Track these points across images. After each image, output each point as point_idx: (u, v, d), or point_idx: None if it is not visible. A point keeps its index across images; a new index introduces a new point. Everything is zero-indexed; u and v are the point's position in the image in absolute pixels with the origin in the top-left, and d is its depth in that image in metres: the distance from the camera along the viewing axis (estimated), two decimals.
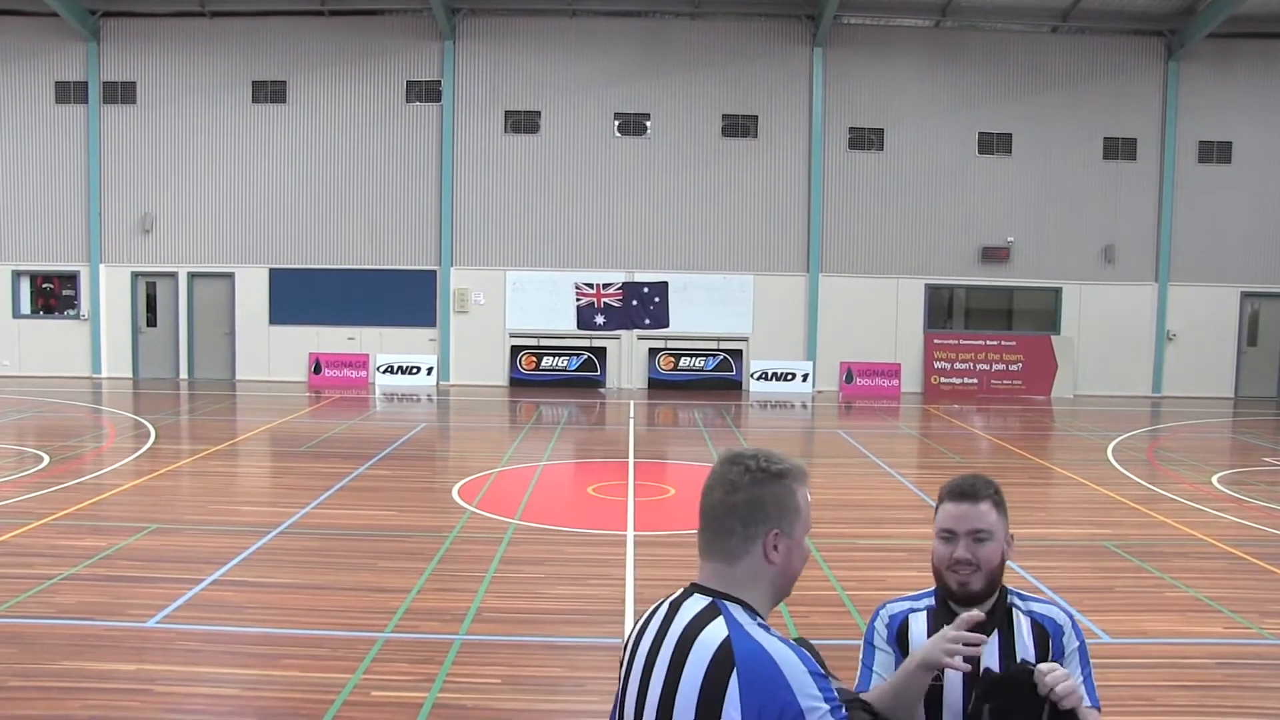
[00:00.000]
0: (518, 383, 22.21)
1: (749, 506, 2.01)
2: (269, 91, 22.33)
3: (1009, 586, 2.63)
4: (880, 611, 2.70)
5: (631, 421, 17.41)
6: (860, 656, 2.70)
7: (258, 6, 22.06)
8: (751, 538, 2.01)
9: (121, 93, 22.32)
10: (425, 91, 22.37)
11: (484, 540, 8.84)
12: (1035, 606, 2.62)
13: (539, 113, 22.38)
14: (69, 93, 22.32)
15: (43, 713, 5.22)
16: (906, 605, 2.67)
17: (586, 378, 22.31)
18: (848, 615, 6.99)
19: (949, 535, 2.55)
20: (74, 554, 8.11)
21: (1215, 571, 8.35)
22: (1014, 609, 2.60)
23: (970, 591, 2.54)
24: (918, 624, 2.63)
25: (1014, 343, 22.70)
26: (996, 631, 2.55)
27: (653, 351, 22.51)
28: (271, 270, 22.45)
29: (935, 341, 22.71)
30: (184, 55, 22.24)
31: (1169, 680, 5.99)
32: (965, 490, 2.57)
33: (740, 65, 22.26)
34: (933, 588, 2.68)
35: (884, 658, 2.63)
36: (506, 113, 22.40)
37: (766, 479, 2.03)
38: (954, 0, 21.58)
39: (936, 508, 2.63)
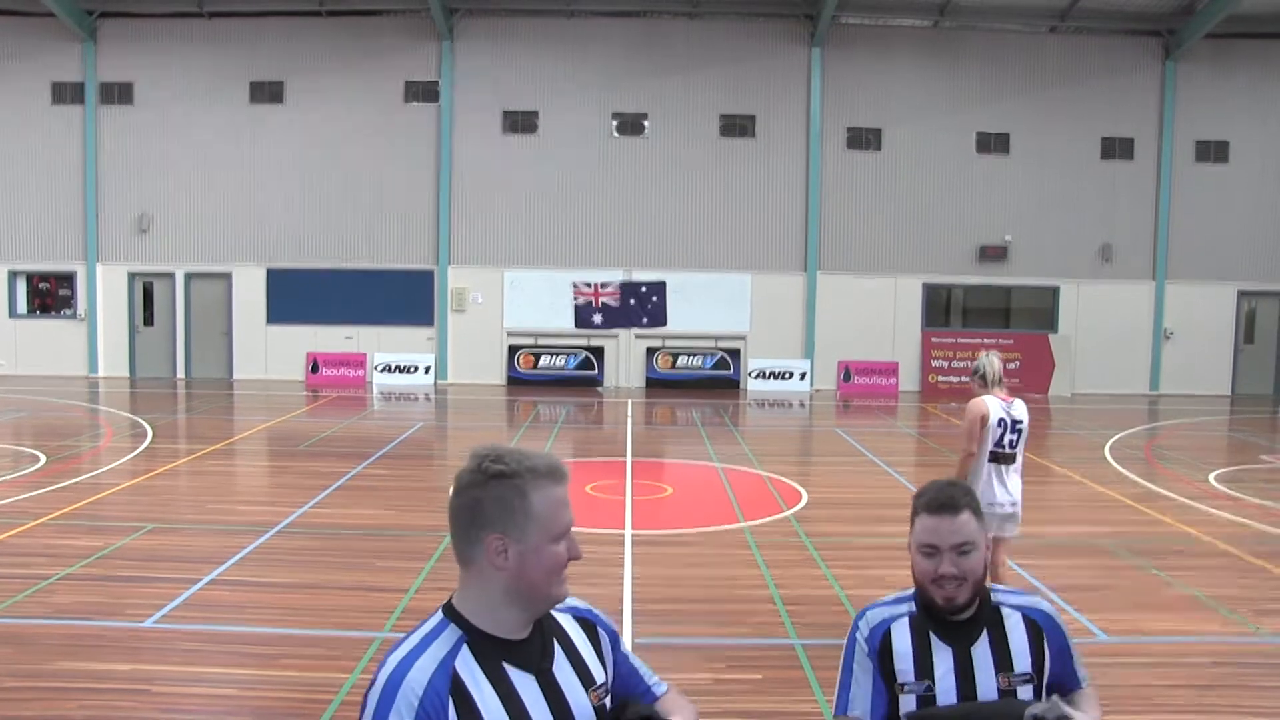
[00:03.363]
0: (515, 382, 22.21)
1: (470, 509, 1.92)
2: (267, 92, 22.31)
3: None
4: (859, 623, 2.57)
5: (629, 420, 17.41)
6: (839, 673, 2.57)
7: (255, 7, 22.04)
8: (474, 541, 1.92)
9: (118, 93, 22.30)
10: (423, 91, 22.36)
11: None
12: (1022, 600, 2.58)
13: (537, 112, 22.37)
14: (66, 93, 22.29)
15: (39, 713, 5.21)
16: (886, 613, 2.57)
17: (584, 377, 22.30)
18: (845, 615, 6.99)
19: (931, 550, 2.46)
20: (71, 554, 8.09)
21: (1212, 569, 8.35)
22: (1001, 606, 2.54)
23: (957, 605, 2.47)
24: (900, 634, 2.53)
25: (1012, 341, 22.70)
26: (986, 631, 2.50)
27: (650, 350, 22.51)
28: (269, 270, 22.44)
29: (933, 340, 22.72)
30: (181, 55, 22.21)
31: (1166, 679, 6.00)
32: (944, 502, 2.48)
33: (738, 65, 22.27)
34: (912, 590, 2.61)
35: (863, 679, 2.52)
36: (504, 112, 22.39)
37: (487, 480, 1.91)
38: (952, 0, 21.59)
39: (913, 519, 2.52)
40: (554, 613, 2.08)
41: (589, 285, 22.43)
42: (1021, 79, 22.46)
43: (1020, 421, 6.56)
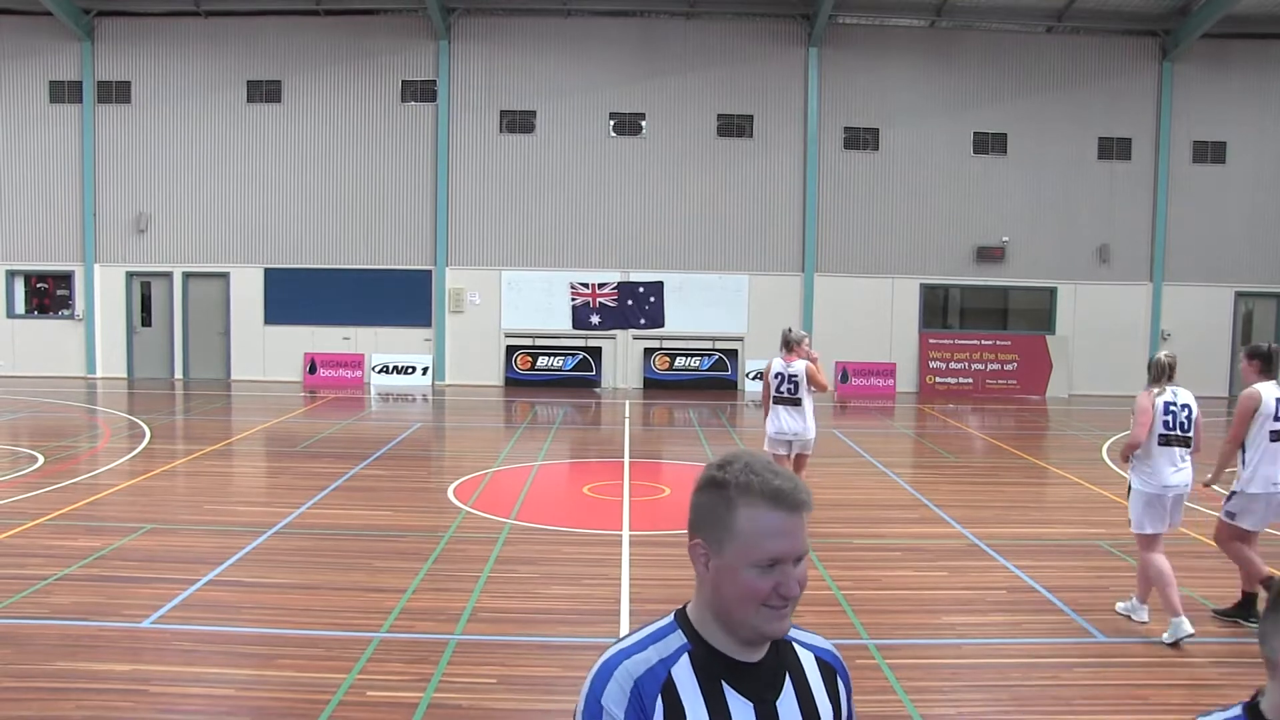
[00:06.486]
0: (513, 382, 22.21)
1: (691, 509, 1.87)
2: (264, 91, 22.30)
3: None
4: None
5: (627, 421, 17.41)
6: None
7: (252, 6, 22.03)
8: (690, 541, 1.85)
9: (116, 92, 22.29)
10: (420, 91, 22.36)
11: (479, 540, 8.84)
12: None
13: (534, 112, 22.38)
14: (63, 92, 22.28)
15: (37, 714, 5.21)
16: None
17: (582, 377, 22.31)
18: (843, 615, 7.00)
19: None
20: (69, 554, 8.09)
21: (1208, 570, 8.37)
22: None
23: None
24: None
25: (1009, 342, 22.74)
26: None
27: (648, 351, 22.52)
28: (266, 270, 22.43)
29: (930, 341, 22.74)
30: (178, 55, 22.21)
31: (1163, 679, 6.01)
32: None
33: (735, 65, 22.28)
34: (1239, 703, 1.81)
35: None
36: (502, 112, 22.40)
37: (703, 483, 1.84)
38: (949, 0, 21.61)
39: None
40: (796, 646, 1.96)
41: (586, 286, 22.43)
42: (1018, 79, 22.49)
43: (796, 375, 9.29)
